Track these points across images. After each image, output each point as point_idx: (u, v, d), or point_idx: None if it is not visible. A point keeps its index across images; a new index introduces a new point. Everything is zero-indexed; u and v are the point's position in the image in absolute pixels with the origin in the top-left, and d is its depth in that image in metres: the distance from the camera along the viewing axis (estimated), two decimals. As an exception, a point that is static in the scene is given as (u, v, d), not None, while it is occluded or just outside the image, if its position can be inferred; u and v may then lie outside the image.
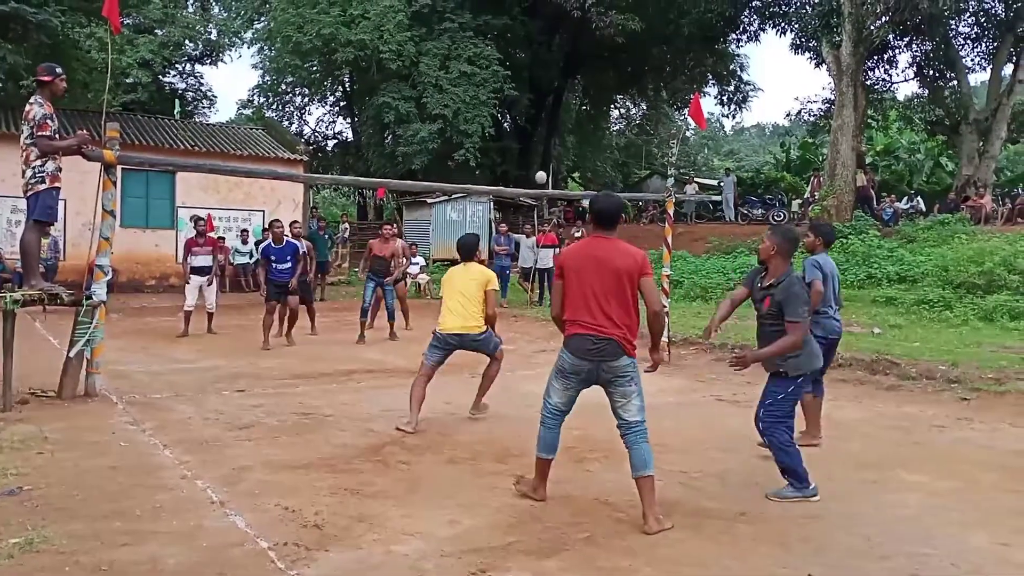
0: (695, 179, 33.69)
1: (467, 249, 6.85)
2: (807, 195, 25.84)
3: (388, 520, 4.22)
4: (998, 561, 3.94)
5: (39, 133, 6.68)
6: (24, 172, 6.77)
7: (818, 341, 5.98)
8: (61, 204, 7.54)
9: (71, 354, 7.07)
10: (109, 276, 7.42)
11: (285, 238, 11.34)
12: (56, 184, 6.88)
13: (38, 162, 6.74)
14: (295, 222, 13.33)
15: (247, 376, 8.66)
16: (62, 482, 4.66)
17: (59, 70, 6.98)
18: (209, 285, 12.05)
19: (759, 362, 4.93)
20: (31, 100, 6.81)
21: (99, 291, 7.15)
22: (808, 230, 6.59)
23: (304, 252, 11.50)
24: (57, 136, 6.95)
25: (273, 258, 11.17)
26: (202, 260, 11.99)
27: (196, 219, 12.67)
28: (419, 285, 19.01)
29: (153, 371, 8.86)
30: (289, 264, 11.17)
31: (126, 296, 17.63)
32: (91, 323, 7.05)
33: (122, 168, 7.69)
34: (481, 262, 7.11)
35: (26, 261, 7.20)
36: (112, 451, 5.43)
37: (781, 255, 4.93)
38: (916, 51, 25.82)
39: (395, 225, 12.18)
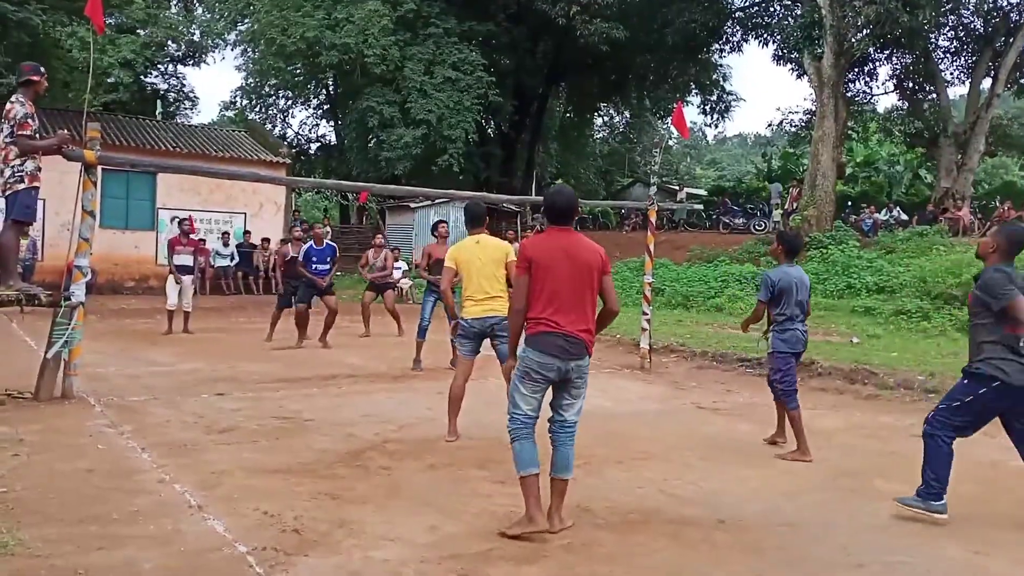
0: (685, 188, 34.04)
1: (477, 217, 6.39)
2: (786, 206, 26.05)
3: (367, 525, 4.20)
4: (973, 570, 3.99)
5: (19, 132, 6.63)
6: (3, 171, 6.71)
7: (781, 355, 6.09)
8: (40, 204, 7.46)
9: (48, 355, 7.00)
10: (89, 277, 7.36)
11: (325, 240, 11.82)
12: (36, 184, 6.83)
13: (17, 161, 6.68)
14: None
15: (227, 379, 8.61)
16: (37, 485, 4.61)
17: (43, 70, 6.96)
18: (185, 278, 12.40)
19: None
20: (12, 98, 6.76)
21: (78, 292, 7.09)
22: (775, 237, 6.69)
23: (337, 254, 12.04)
24: (37, 135, 6.90)
25: (315, 259, 11.49)
26: (184, 259, 12.47)
27: (180, 220, 13.39)
28: (401, 290, 19.02)
29: (131, 374, 8.79)
30: (328, 265, 11.61)
31: (104, 298, 17.48)
32: (69, 324, 6.99)
33: (102, 168, 7.63)
34: (495, 234, 6.67)
35: (4, 261, 7.12)
36: (89, 454, 5.38)
37: (999, 253, 4.84)
38: (896, 64, 26.16)
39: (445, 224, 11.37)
